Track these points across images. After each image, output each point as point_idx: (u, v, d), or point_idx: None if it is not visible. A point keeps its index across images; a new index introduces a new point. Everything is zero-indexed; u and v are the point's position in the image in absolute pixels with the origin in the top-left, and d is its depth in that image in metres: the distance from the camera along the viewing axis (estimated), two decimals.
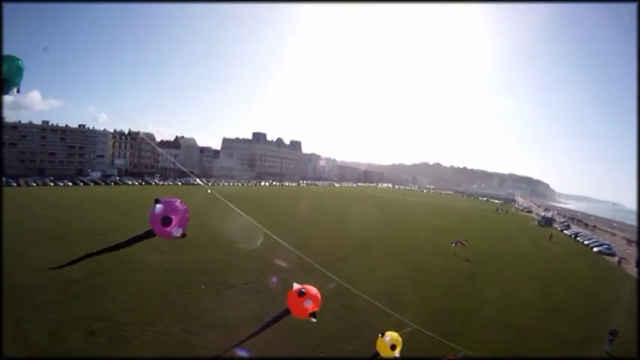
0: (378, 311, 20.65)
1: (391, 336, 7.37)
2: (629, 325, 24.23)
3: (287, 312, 6.01)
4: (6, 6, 6.21)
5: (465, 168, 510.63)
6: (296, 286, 6.01)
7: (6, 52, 4.43)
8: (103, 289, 23.88)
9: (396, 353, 7.22)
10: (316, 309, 5.91)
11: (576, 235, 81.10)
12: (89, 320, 19.61)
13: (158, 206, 4.49)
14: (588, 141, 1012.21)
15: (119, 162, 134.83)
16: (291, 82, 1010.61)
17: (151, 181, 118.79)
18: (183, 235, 4.60)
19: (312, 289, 5.99)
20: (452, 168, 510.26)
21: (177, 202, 4.71)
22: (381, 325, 20.12)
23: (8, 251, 27.92)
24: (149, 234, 4.72)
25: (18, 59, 4.45)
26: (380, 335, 7.46)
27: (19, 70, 4.47)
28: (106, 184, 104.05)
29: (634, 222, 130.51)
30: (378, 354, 7.39)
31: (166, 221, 4.51)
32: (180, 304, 22.32)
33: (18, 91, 4.54)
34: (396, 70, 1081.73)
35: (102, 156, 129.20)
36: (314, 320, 5.92)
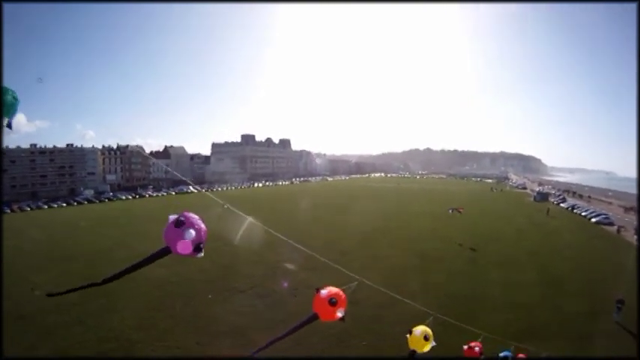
0: (386, 302, 20.91)
1: (420, 329, 7.16)
2: (634, 293, 24.46)
3: (315, 317, 5.81)
4: None
5: (455, 150, 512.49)
6: (323, 292, 5.78)
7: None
8: (108, 308, 23.61)
9: (432, 342, 7.00)
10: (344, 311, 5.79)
11: (573, 207, 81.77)
12: (98, 342, 19.49)
13: (192, 232, 4.09)
14: (577, 112, 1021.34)
15: (110, 177, 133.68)
16: (275, 80, 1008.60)
17: (144, 194, 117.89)
18: (199, 249, 4.21)
19: (340, 294, 5.82)
20: (442, 152, 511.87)
21: (202, 224, 4.30)
22: (390, 316, 20.44)
23: (10, 276, 27.54)
24: (165, 252, 4.24)
25: (11, 92, 4.27)
26: (409, 334, 7.20)
27: (13, 104, 4.28)
28: (100, 201, 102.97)
29: (628, 189, 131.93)
30: (414, 352, 7.16)
31: (198, 249, 4.18)
32: (188, 316, 22.24)
33: (9, 126, 4.33)
34: (380, 58, 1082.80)
35: (93, 173, 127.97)
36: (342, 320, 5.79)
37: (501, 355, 10.37)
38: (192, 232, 4.11)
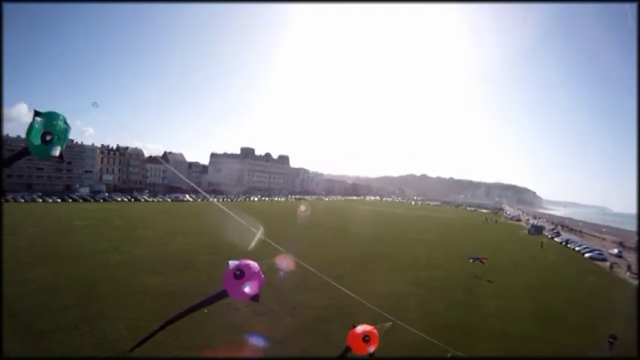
0: (390, 329, 20.56)
1: None
2: (627, 329, 24.74)
3: (348, 350, 6.48)
4: None
5: (451, 178, 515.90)
6: (359, 328, 6.42)
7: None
8: (103, 315, 23.26)
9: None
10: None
11: (567, 241, 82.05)
12: (92, 349, 19.11)
13: (249, 285, 4.61)
14: (574, 146, 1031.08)
15: (107, 177, 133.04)
16: (278, 97, 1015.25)
17: (140, 198, 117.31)
18: (256, 299, 4.75)
19: (374, 332, 6.45)
20: (438, 179, 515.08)
21: (256, 268, 4.81)
22: (397, 343, 20.12)
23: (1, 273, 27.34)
24: (223, 296, 4.83)
25: (61, 118, 4.02)
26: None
27: (65, 131, 4.07)
28: (95, 200, 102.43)
29: (622, 225, 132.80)
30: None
31: (238, 276, 4.66)
32: (184, 330, 21.73)
33: (61, 158, 4.13)
34: (382, 83, 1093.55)
35: (90, 171, 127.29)
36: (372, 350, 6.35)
37: None
38: (250, 285, 4.65)
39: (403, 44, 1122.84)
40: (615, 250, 73.60)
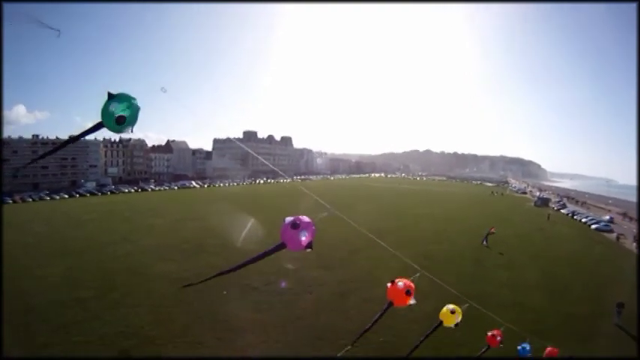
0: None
1: (456, 309, 8.23)
2: (633, 298, 25.41)
3: (391, 304, 6.80)
4: None
5: (455, 153, 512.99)
6: (400, 284, 6.77)
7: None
8: (123, 303, 23.68)
9: (458, 318, 8.14)
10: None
11: (573, 213, 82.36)
12: (117, 338, 19.40)
13: (303, 237, 4.90)
14: (577, 117, 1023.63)
15: (112, 170, 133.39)
16: (278, 79, 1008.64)
17: (146, 188, 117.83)
18: (310, 246, 4.92)
19: (412, 286, 6.79)
20: (442, 154, 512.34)
21: (309, 220, 5.11)
22: (408, 314, 20.69)
23: (17, 271, 27.88)
24: (281, 247, 5.04)
25: (134, 101, 4.44)
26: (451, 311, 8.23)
27: (136, 112, 4.47)
28: (102, 193, 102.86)
29: (628, 197, 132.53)
30: (441, 323, 8.25)
31: (295, 226, 4.90)
32: (205, 312, 22.35)
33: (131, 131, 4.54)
34: (382, 59, 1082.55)
35: (95, 165, 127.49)
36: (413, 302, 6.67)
37: (519, 348, 11.51)
38: (305, 234, 4.89)
39: (404, 17, 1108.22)
40: (607, 217, 76.50)
